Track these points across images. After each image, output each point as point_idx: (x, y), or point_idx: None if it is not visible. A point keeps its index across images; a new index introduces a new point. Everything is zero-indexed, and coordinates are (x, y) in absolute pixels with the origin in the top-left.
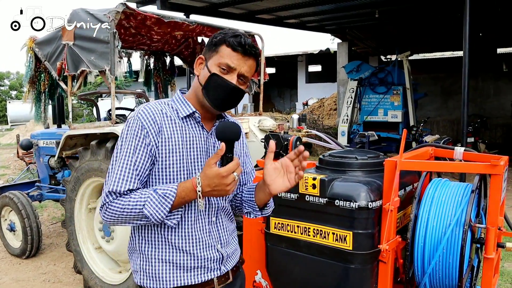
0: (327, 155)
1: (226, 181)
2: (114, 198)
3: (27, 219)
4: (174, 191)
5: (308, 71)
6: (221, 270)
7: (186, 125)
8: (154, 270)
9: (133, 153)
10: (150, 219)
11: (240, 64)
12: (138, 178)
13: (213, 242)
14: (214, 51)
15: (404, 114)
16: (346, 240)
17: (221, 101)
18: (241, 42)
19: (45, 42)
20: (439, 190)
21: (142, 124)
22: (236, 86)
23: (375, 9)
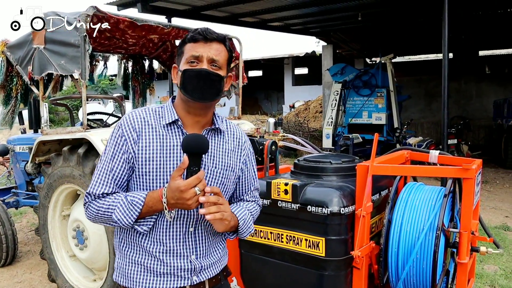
0: (301, 159)
1: (185, 196)
2: (92, 199)
3: (1, 227)
4: (142, 200)
5: (294, 74)
6: (193, 280)
7: (169, 133)
8: (128, 270)
9: (111, 160)
10: (118, 223)
11: (205, 50)
12: (115, 183)
13: (186, 252)
14: (181, 54)
15: (388, 116)
16: (319, 247)
17: (198, 90)
18: (199, 32)
19: (17, 45)
20: (413, 194)
21: (122, 132)
22: (207, 70)
23: (358, 12)
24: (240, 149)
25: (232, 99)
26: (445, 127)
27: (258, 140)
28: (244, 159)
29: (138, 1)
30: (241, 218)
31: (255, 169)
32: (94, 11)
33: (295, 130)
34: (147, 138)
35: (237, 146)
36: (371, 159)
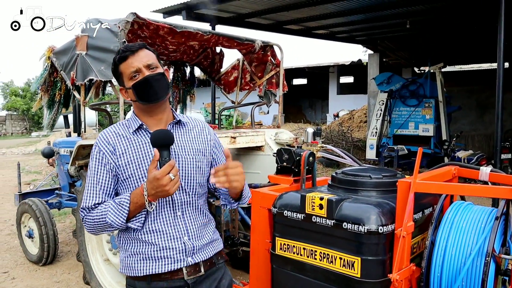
0: (339, 172)
1: (162, 182)
2: (86, 212)
3: (44, 227)
4: (127, 198)
5: (339, 82)
6: (188, 261)
7: (138, 137)
8: (128, 261)
9: (95, 173)
10: (113, 226)
11: (136, 61)
12: (104, 193)
13: (178, 235)
14: (120, 76)
15: (436, 127)
16: (354, 267)
17: (152, 94)
18: (123, 50)
19: (62, 52)
20: (459, 215)
21: (99, 148)
22: (150, 75)
23: (406, 19)
24: (205, 134)
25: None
26: (499, 141)
27: (295, 151)
28: (213, 143)
29: (183, 8)
30: None
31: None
32: (134, 17)
33: (338, 140)
34: (122, 147)
35: (201, 133)
36: (413, 175)
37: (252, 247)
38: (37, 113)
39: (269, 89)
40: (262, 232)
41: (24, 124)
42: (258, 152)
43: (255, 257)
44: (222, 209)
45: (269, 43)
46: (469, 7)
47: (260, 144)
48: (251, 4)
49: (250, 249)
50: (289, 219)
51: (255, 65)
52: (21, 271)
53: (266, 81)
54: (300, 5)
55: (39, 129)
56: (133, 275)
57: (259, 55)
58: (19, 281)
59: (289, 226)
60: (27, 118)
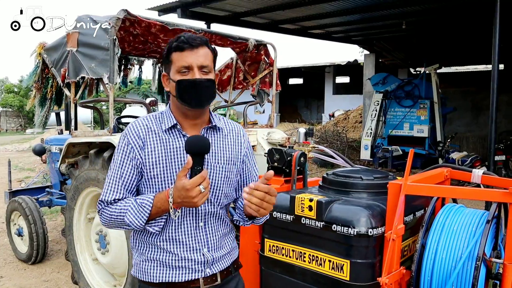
0: (330, 173)
1: (191, 194)
2: (104, 206)
3: (33, 225)
4: (150, 202)
5: (335, 83)
6: (206, 272)
7: (170, 136)
8: (144, 265)
9: (119, 167)
10: (131, 226)
11: (193, 58)
12: (125, 188)
13: (198, 246)
14: (169, 63)
15: (431, 129)
16: (343, 270)
17: (195, 98)
18: (183, 40)
19: (53, 48)
20: (451, 218)
21: (128, 140)
22: (201, 79)
23: (402, 20)
24: (240, 143)
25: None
26: (492, 143)
27: (287, 151)
28: (245, 151)
29: (178, 6)
30: None
31: (255, 162)
32: (125, 14)
33: (333, 140)
34: (152, 144)
35: (236, 140)
36: (404, 177)
37: (241, 248)
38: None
39: (262, 88)
40: (251, 233)
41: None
42: None
43: (244, 258)
44: None
45: (262, 42)
46: (465, 8)
47: (252, 144)
48: (247, 2)
49: (239, 251)
50: (278, 220)
51: (248, 64)
52: (10, 269)
53: (259, 80)
54: (296, 4)
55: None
56: (148, 280)
57: (253, 54)
58: (7, 280)
59: (278, 227)
60: (22, 115)
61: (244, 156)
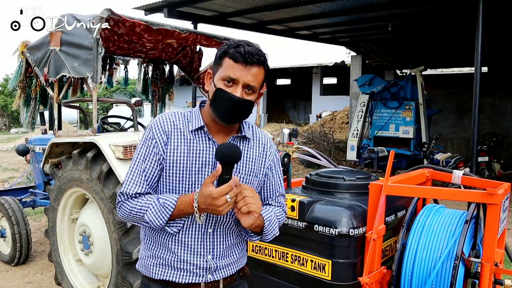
0: (314, 174)
1: (217, 203)
2: (125, 198)
3: (16, 226)
4: (173, 203)
5: (323, 84)
6: (208, 278)
7: (196, 138)
8: (148, 261)
9: (143, 161)
10: (150, 224)
11: (243, 74)
12: (147, 183)
13: (203, 252)
14: (218, 65)
15: (416, 130)
16: (325, 269)
17: (228, 115)
18: (242, 52)
19: (36, 47)
20: (431, 218)
21: (153, 135)
22: (240, 99)
23: (388, 22)
24: (265, 155)
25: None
26: (475, 145)
27: None
28: (269, 164)
29: (164, 6)
30: (267, 219)
31: (280, 175)
32: (109, 13)
33: (320, 141)
34: (176, 142)
35: (262, 152)
36: (385, 178)
37: None
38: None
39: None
40: None
41: (3, 121)
42: None
43: None
44: None
45: None
46: (449, 11)
47: None
48: (234, 3)
49: None
50: None
51: None
52: None
53: None
54: (283, 5)
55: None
56: (150, 276)
57: None
58: None
59: None
60: (6, 114)
61: (267, 169)
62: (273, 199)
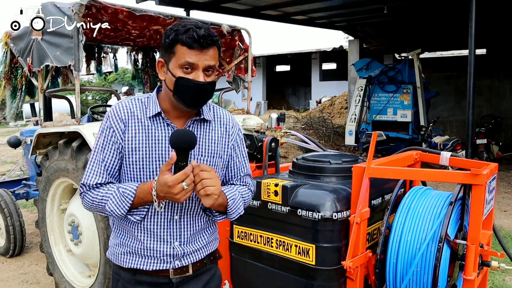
0: (300, 158)
1: (173, 191)
2: (87, 189)
3: (9, 218)
4: (133, 192)
5: (322, 69)
6: (175, 264)
7: (154, 124)
8: (117, 250)
9: (101, 151)
10: (112, 214)
11: (201, 59)
12: (107, 172)
13: (170, 239)
14: (171, 53)
15: (414, 113)
16: (309, 254)
17: (195, 101)
18: (195, 37)
19: (19, 37)
20: (417, 200)
21: (110, 124)
22: (204, 83)
23: (383, 5)
24: (228, 135)
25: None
26: (470, 127)
27: (257, 137)
28: (232, 144)
29: None
30: (230, 198)
31: (244, 154)
32: (88, 0)
33: (319, 126)
34: (133, 129)
35: (224, 132)
36: (367, 160)
37: None
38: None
39: (238, 75)
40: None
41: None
42: None
43: None
44: None
45: (236, 28)
46: None
47: None
48: None
49: None
50: None
51: (223, 50)
52: None
53: (234, 66)
54: None
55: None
56: (119, 264)
57: (227, 40)
58: None
59: (246, 213)
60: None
61: (231, 149)
62: (238, 178)
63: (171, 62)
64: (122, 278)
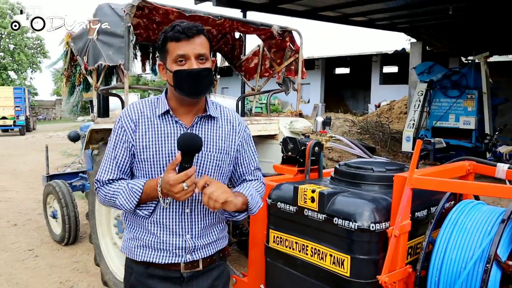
0: (342, 164)
1: (173, 189)
2: (100, 185)
3: (65, 208)
4: (141, 187)
5: (382, 72)
6: (187, 258)
7: (163, 122)
8: (130, 243)
9: (113, 149)
10: (122, 208)
11: (190, 48)
12: (119, 169)
13: (182, 232)
14: (165, 52)
15: (479, 120)
16: (343, 265)
17: (193, 88)
18: (180, 30)
19: (78, 37)
20: (465, 215)
21: (121, 124)
22: (198, 69)
23: (449, 6)
24: (235, 132)
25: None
26: None
27: (301, 140)
28: (239, 141)
29: None
30: (248, 194)
31: (253, 149)
32: (140, 1)
33: (375, 131)
34: (144, 128)
35: (231, 130)
36: (410, 169)
37: (250, 238)
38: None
39: (288, 76)
40: (260, 224)
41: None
42: (272, 141)
43: (253, 249)
44: None
45: (287, 29)
46: None
47: (274, 133)
48: None
49: (249, 240)
50: (282, 211)
51: (274, 51)
52: (45, 249)
53: (284, 67)
54: None
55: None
56: (132, 258)
57: (278, 41)
58: (41, 259)
59: (282, 218)
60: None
61: (239, 146)
62: (249, 173)
63: (167, 61)
64: (135, 272)
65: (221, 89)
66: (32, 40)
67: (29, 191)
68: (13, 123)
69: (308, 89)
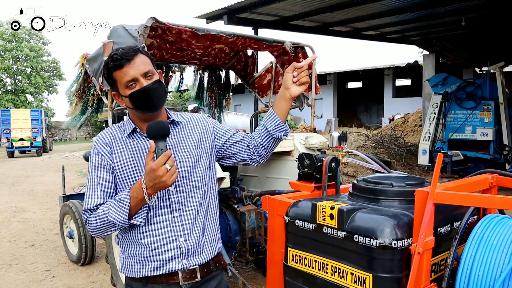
0: (360, 179)
1: (158, 173)
2: (89, 214)
3: (82, 228)
4: (127, 194)
5: (395, 85)
6: (183, 264)
7: (134, 140)
8: (127, 262)
9: (95, 175)
10: (116, 224)
11: (133, 70)
12: (104, 193)
13: (174, 236)
14: (114, 82)
15: (497, 131)
16: (365, 284)
17: (150, 104)
18: (118, 58)
19: (93, 58)
20: (491, 230)
21: (97, 150)
22: (149, 85)
23: (461, 17)
24: (206, 129)
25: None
26: None
27: (317, 156)
28: (212, 130)
29: (224, 13)
30: None
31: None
32: (153, 22)
33: (390, 145)
34: (119, 149)
35: (202, 129)
36: (432, 184)
37: (268, 257)
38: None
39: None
40: (278, 242)
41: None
42: (287, 157)
43: (271, 267)
44: (247, 215)
45: (299, 44)
46: None
47: (289, 149)
48: (293, 6)
49: (267, 259)
50: (300, 228)
51: (287, 68)
52: (62, 270)
53: None
54: (345, 5)
55: None
56: (130, 276)
57: (291, 57)
58: (57, 280)
59: (300, 236)
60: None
61: (214, 131)
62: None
63: (119, 89)
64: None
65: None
66: (48, 63)
67: (46, 211)
68: (30, 145)
69: (320, 104)
